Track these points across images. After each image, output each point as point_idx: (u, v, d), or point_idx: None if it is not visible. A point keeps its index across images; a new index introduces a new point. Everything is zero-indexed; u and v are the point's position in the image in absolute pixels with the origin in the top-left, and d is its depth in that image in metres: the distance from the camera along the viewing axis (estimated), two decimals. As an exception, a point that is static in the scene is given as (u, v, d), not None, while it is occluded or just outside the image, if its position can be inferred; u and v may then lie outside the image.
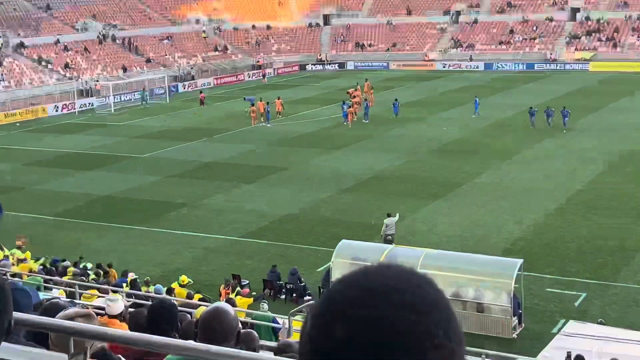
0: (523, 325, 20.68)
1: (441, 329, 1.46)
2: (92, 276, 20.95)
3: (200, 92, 66.07)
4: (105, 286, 17.42)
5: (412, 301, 1.46)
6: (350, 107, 51.40)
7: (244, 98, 61.33)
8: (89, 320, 4.59)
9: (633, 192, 32.71)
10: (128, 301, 12.23)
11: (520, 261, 21.14)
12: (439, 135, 46.20)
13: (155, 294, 18.64)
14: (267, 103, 51.53)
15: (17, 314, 2.32)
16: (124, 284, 20.12)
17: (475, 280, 21.24)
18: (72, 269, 20.80)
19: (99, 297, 15.32)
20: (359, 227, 29.01)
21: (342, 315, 1.45)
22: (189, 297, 18.96)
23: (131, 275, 21.46)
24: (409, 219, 30.00)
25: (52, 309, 4.84)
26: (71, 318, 4.57)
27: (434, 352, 1.45)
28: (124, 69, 74.21)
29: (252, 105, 53.06)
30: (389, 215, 26.91)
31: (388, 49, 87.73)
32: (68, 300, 11.23)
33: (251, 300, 20.16)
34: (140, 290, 19.32)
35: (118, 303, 7.37)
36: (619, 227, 28.18)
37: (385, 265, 1.53)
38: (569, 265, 24.83)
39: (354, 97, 55.36)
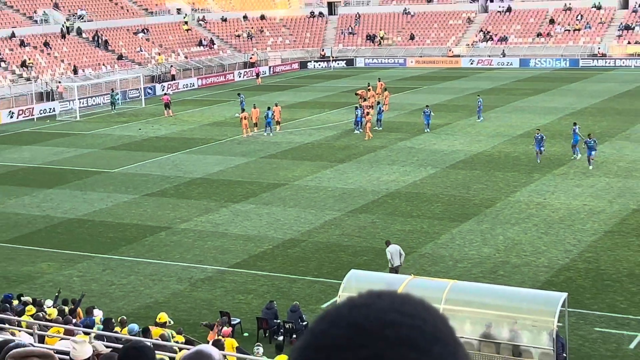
0: (568, 371, 20.60)
1: None
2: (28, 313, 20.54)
3: (165, 93, 65.97)
4: (72, 327, 17.38)
5: (409, 336, 1.41)
6: (363, 113, 50.71)
7: (238, 94, 61.64)
8: (48, 361, 4.58)
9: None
10: (95, 345, 12.17)
11: (564, 295, 21.05)
12: (464, 145, 46.23)
13: (129, 334, 18.57)
14: (269, 108, 51.42)
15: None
16: (94, 324, 20.05)
17: (511, 318, 21.16)
18: (31, 307, 20.72)
19: (61, 339, 15.27)
20: (371, 254, 28.97)
21: None
22: (168, 338, 18.87)
23: (97, 313, 21.42)
24: (431, 245, 29.98)
25: (6, 350, 4.83)
26: (24, 357, 4.56)
27: None
28: (79, 70, 74.41)
29: (243, 110, 52.96)
30: (388, 244, 26.85)
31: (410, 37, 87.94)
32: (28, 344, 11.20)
33: (235, 342, 20.11)
34: (113, 330, 19.25)
35: (85, 347, 7.35)
36: (681, 254, 28.13)
37: (375, 294, 1.49)
38: (622, 300, 24.74)
39: (365, 99, 55.45)
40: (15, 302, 22.00)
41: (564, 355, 20.55)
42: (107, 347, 12.83)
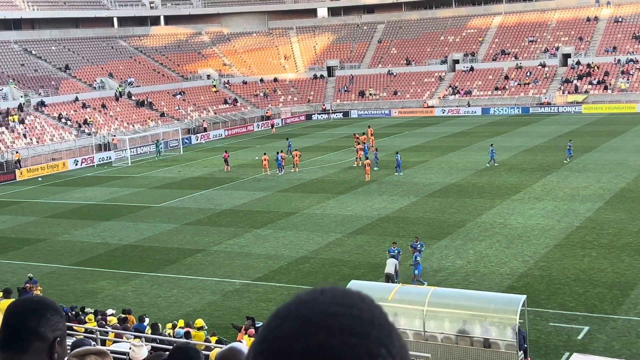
0: (529, 359, 20.40)
1: (383, 347, 1.40)
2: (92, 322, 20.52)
3: (225, 151, 58.57)
4: (128, 332, 17.28)
5: (349, 324, 1.38)
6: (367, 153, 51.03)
7: (286, 138, 62.23)
8: (104, 358, 4.54)
9: (628, 227, 32.55)
10: (147, 345, 12.07)
11: (523, 297, 20.93)
12: (439, 178, 46.22)
13: (175, 337, 18.47)
14: (277, 152, 51.63)
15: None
16: (145, 329, 19.94)
17: (481, 317, 21.01)
18: (91, 316, 20.65)
19: (115, 342, 15.16)
20: (367, 267, 28.85)
21: (282, 352, 1.37)
22: (206, 340, 18.76)
23: (147, 320, 21.28)
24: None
25: (79, 345, 4.81)
26: (83, 355, 4.53)
27: None
28: (129, 125, 74.59)
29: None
30: (392, 257, 26.86)
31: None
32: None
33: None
34: (160, 334, 19.14)
35: (142, 349, 7.30)
36: (616, 262, 27.98)
37: (318, 291, 1.47)
38: (570, 300, 24.59)
39: (359, 143, 55.56)
40: (79, 313, 21.91)
41: (525, 345, 20.40)
42: (156, 348, 12.74)
